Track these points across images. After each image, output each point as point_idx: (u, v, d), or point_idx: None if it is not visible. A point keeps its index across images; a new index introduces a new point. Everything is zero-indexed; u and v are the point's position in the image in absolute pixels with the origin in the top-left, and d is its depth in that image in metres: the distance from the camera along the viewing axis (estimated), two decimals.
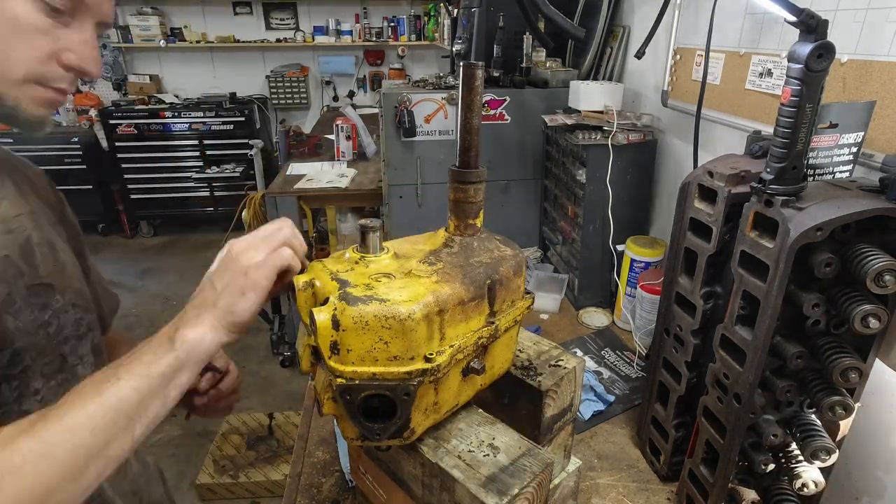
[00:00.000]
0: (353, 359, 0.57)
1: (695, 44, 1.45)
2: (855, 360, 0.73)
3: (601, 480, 1.05)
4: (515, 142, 1.90)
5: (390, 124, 1.82)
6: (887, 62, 0.90)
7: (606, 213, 1.58)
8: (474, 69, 0.63)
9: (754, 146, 0.94)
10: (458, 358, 0.62)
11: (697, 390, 0.95)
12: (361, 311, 0.55)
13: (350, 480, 1.00)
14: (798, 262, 0.71)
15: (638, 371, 1.38)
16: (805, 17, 0.66)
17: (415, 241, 0.72)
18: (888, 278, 0.67)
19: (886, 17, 0.90)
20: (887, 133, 0.91)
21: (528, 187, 1.98)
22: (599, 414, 1.23)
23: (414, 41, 5.46)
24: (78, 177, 4.84)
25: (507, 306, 0.69)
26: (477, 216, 0.69)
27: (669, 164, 1.63)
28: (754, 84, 1.22)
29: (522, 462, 0.63)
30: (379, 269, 0.63)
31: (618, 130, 1.52)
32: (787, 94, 0.68)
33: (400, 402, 0.58)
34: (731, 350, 0.84)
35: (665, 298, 1.02)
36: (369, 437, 0.61)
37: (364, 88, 5.78)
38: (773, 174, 0.73)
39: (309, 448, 1.13)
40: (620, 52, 1.87)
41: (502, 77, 1.92)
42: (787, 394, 0.79)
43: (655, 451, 1.08)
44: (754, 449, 0.84)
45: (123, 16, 5.23)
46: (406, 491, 0.71)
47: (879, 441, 0.84)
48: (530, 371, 0.75)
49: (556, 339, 1.53)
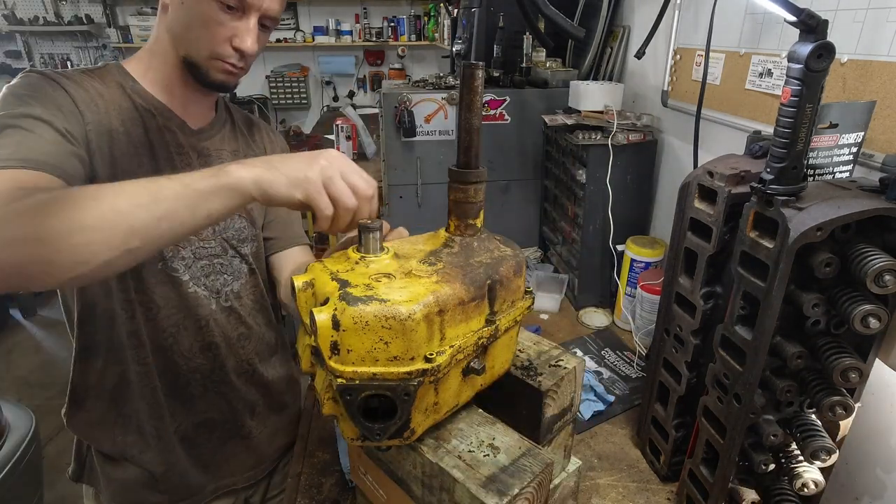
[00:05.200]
0: (353, 359, 0.57)
1: (695, 44, 1.45)
2: (855, 360, 0.73)
3: (601, 480, 1.05)
4: (515, 142, 1.90)
5: (390, 124, 1.82)
6: (887, 62, 0.90)
7: (606, 213, 1.58)
8: (474, 69, 0.63)
9: (754, 146, 0.94)
10: (459, 358, 0.62)
11: (697, 390, 0.95)
12: (361, 311, 0.55)
13: (350, 480, 1.00)
14: (798, 262, 0.71)
15: (638, 371, 1.38)
16: (805, 17, 0.66)
17: (415, 242, 0.71)
18: (888, 278, 0.67)
19: (886, 17, 0.90)
20: (887, 133, 0.91)
21: (528, 187, 1.98)
22: (599, 414, 1.23)
23: (414, 41, 5.45)
24: None
25: (507, 306, 0.69)
26: (477, 216, 0.69)
27: (669, 164, 1.63)
28: (754, 84, 1.22)
29: (522, 462, 0.63)
30: (379, 270, 0.63)
31: (618, 130, 1.52)
32: (787, 94, 0.68)
33: (400, 402, 0.58)
34: (731, 350, 0.83)
35: (665, 298, 1.02)
36: (369, 438, 0.61)
37: (364, 88, 5.78)
38: (773, 174, 0.73)
39: (309, 448, 1.13)
40: (620, 52, 1.87)
41: (502, 77, 1.92)
42: (787, 394, 0.79)
43: (655, 451, 1.08)
44: (754, 449, 0.84)
45: (123, 16, 5.23)
46: (406, 491, 0.71)
47: (879, 441, 0.84)
48: (530, 371, 0.75)
49: (556, 339, 1.53)
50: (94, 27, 5.19)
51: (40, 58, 5.36)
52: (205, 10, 0.84)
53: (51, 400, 3.12)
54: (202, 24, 0.85)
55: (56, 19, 5.18)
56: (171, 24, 0.89)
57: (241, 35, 0.87)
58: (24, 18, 5.11)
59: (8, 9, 5.01)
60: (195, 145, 0.98)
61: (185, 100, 0.97)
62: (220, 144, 1.02)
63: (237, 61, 0.90)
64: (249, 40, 0.87)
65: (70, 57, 5.37)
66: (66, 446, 0.91)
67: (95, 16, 5.21)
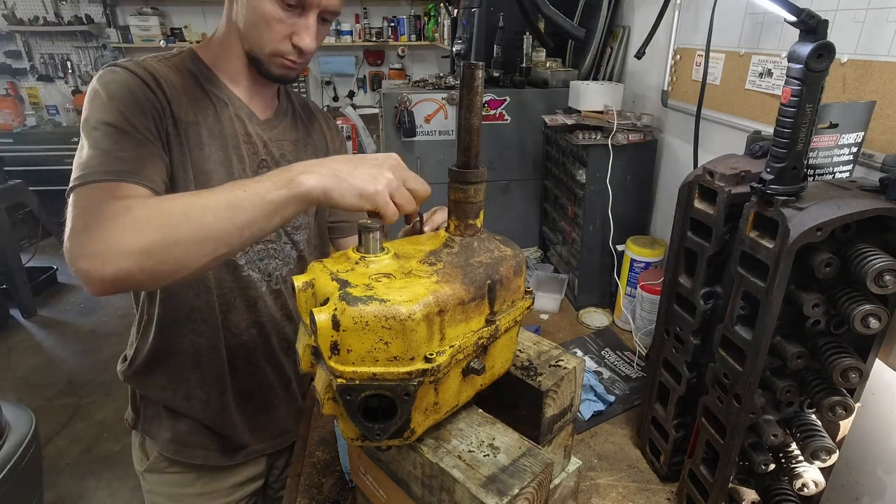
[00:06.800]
0: (353, 359, 0.57)
1: (695, 44, 1.45)
2: (855, 360, 0.73)
3: (601, 480, 1.05)
4: (515, 142, 1.90)
5: (390, 124, 1.82)
6: (887, 62, 0.90)
7: (606, 213, 1.58)
8: (474, 69, 0.63)
9: (754, 146, 0.94)
10: (459, 358, 0.62)
11: (697, 390, 0.95)
12: (361, 311, 0.55)
13: (350, 480, 1.00)
14: (798, 262, 0.71)
15: (638, 371, 1.38)
16: (805, 17, 0.66)
17: (415, 241, 0.71)
18: (888, 278, 0.67)
19: (886, 17, 0.90)
20: (887, 133, 0.91)
21: (528, 187, 1.98)
22: (599, 414, 1.23)
23: (414, 41, 5.46)
24: None
25: (507, 306, 0.69)
26: (477, 216, 0.69)
27: (669, 164, 1.63)
28: (754, 84, 1.22)
29: (522, 462, 0.63)
30: (379, 270, 0.63)
31: (618, 130, 1.52)
32: (787, 94, 0.68)
33: (400, 402, 0.58)
34: (731, 350, 0.83)
35: (665, 298, 1.02)
36: (369, 438, 0.61)
37: (364, 88, 5.78)
38: (773, 174, 0.73)
39: (309, 448, 1.13)
40: (620, 52, 1.87)
41: (502, 77, 1.92)
42: (787, 394, 0.79)
43: (655, 451, 1.08)
44: (754, 449, 0.84)
45: (123, 16, 5.24)
46: (406, 491, 0.71)
47: (879, 441, 0.84)
48: (530, 371, 0.75)
49: (556, 339, 1.53)
50: (94, 27, 5.19)
51: (40, 58, 5.36)
52: (266, 7, 0.89)
53: (51, 400, 3.12)
54: (263, 22, 0.90)
55: (56, 19, 5.18)
56: (236, 18, 0.95)
57: (301, 32, 0.92)
58: (24, 18, 5.11)
59: (8, 9, 5.01)
60: (261, 135, 1.04)
61: (251, 90, 1.03)
62: (283, 135, 1.08)
63: (296, 57, 0.95)
64: (308, 38, 0.92)
65: (70, 57, 5.37)
66: (67, 446, 0.91)
67: (95, 16, 5.22)
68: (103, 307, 4.11)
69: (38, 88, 5.42)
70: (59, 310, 4.13)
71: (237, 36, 0.96)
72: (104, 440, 2.85)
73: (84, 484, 2.60)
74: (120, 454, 2.75)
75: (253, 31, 0.93)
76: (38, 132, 5.17)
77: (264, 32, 0.91)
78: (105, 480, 2.61)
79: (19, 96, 5.37)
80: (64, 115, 5.49)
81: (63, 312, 4.10)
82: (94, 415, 3.02)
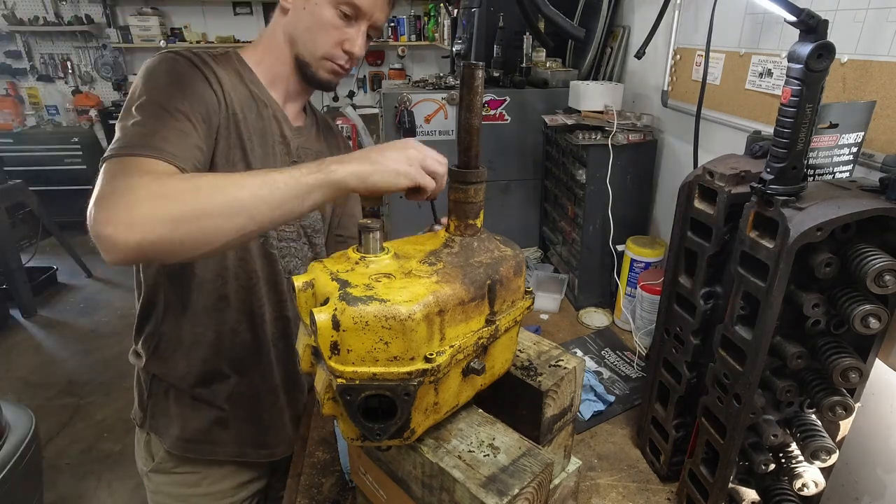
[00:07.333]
0: (353, 359, 0.57)
1: (695, 44, 1.45)
2: (855, 360, 0.73)
3: (601, 480, 1.05)
4: (515, 142, 1.90)
5: (390, 124, 1.82)
6: (887, 62, 0.90)
7: (606, 213, 1.58)
8: (474, 69, 0.63)
9: (754, 146, 0.94)
10: (459, 358, 0.62)
11: (697, 390, 0.95)
12: (361, 311, 0.55)
13: (350, 480, 1.00)
14: (798, 262, 0.71)
15: (638, 371, 1.38)
16: (805, 17, 0.66)
17: (415, 241, 0.72)
18: (888, 278, 0.67)
19: (886, 17, 0.90)
20: (887, 133, 0.91)
21: (528, 187, 1.98)
22: (599, 414, 1.23)
23: (414, 41, 5.46)
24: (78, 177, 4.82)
25: (507, 306, 0.69)
26: (477, 216, 0.69)
27: (669, 164, 1.63)
28: (754, 84, 1.22)
29: (522, 462, 0.63)
30: (379, 270, 0.63)
31: (618, 130, 1.52)
32: (787, 94, 0.68)
33: (400, 402, 0.58)
34: (731, 350, 0.83)
35: (665, 298, 1.02)
36: (369, 438, 0.61)
37: (364, 88, 5.79)
38: (773, 174, 0.73)
39: (309, 448, 1.13)
40: (620, 52, 1.87)
41: (502, 77, 1.92)
42: (787, 394, 0.79)
43: (655, 451, 1.08)
44: (754, 449, 0.84)
45: (123, 16, 5.23)
46: (406, 491, 0.71)
47: (879, 441, 0.84)
48: (530, 371, 0.75)
49: (556, 339, 1.53)
50: (94, 27, 5.19)
51: (40, 58, 5.35)
52: (325, 15, 0.97)
53: (51, 400, 3.12)
54: (320, 28, 0.98)
55: (56, 19, 5.18)
56: (288, 25, 1.01)
57: (352, 39, 1.00)
58: (24, 18, 5.11)
59: (8, 9, 5.01)
60: (292, 139, 1.09)
61: (286, 97, 1.08)
62: (309, 144, 1.14)
63: (345, 63, 1.03)
64: (359, 45, 1.01)
65: (70, 57, 5.37)
66: (67, 446, 0.91)
67: (95, 16, 5.22)
68: (103, 307, 4.11)
69: (38, 88, 5.42)
70: (59, 310, 4.13)
71: (286, 43, 1.02)
72: (104, 440, 2.85)
73: (84, 484, 2.60)
74: (120, 454, 2.74)
75: (308, 35, 0.99)
76: (38, 132, 5.17)
77: (320, 37, 0.98)
78: (105, 480, 2.61)
79: (19, 96, 5.37)
80: (64, 115, 5.48)
81: (63, 312, 4.09)
82: (94, 415, 3.02)
